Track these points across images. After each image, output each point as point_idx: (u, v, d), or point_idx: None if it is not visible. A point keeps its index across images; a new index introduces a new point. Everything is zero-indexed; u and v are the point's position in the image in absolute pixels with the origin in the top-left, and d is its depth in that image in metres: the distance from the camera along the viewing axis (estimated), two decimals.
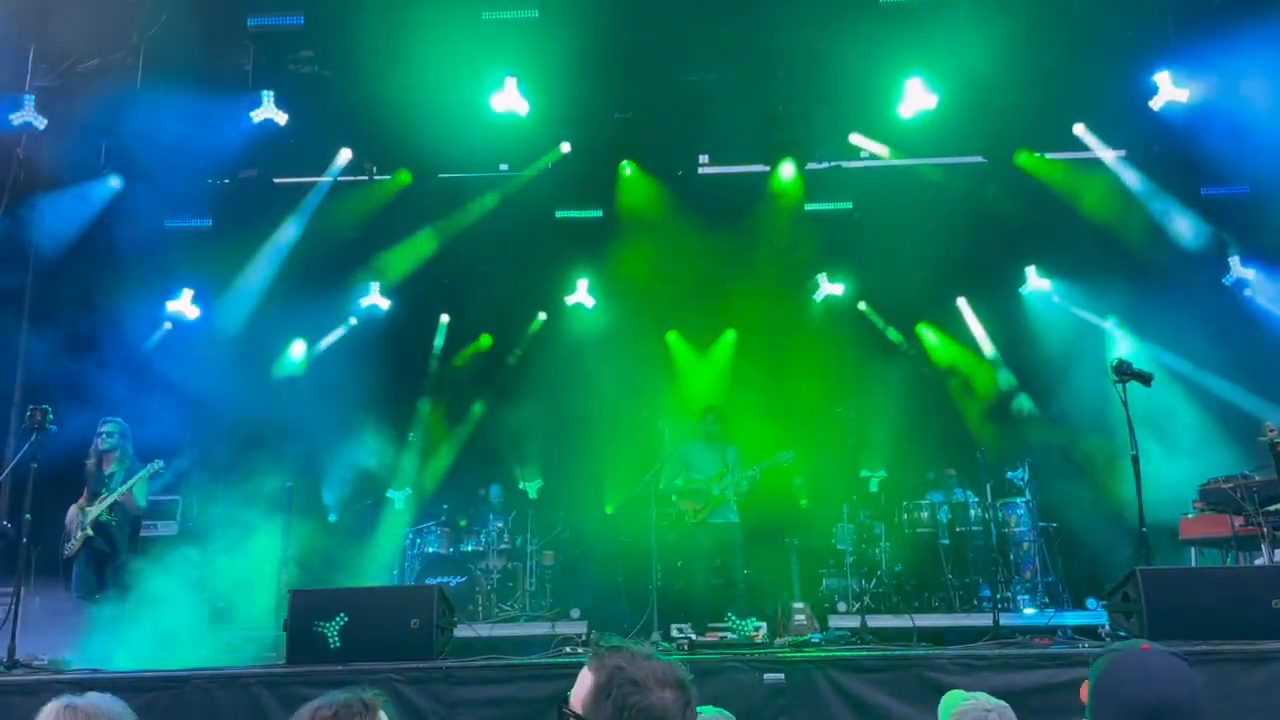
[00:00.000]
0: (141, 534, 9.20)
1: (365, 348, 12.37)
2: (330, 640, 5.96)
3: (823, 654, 5.84)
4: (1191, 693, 2.32)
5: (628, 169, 11.98)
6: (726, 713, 3.48)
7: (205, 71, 10.45)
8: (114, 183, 11.01)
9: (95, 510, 8.12)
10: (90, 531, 8.07)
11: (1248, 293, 11.92)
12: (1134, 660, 2.39)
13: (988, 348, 12.86)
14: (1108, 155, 11.58)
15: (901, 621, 8.96)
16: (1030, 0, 10.33)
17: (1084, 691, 2.52)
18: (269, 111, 10.46)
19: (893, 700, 5.31)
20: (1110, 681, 2.38)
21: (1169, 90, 10.21)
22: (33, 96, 10.11)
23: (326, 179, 11.93)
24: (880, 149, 11.59)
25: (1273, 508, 7.86)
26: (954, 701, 3.14)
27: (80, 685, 5.27)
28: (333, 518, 12.22)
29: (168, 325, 12.15)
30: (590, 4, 9.81)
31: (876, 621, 8.84)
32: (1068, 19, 10.39)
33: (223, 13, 10.21)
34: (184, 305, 11.93)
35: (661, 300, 12.51)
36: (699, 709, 2.97)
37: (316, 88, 10.73)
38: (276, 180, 11.92)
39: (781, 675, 5.44)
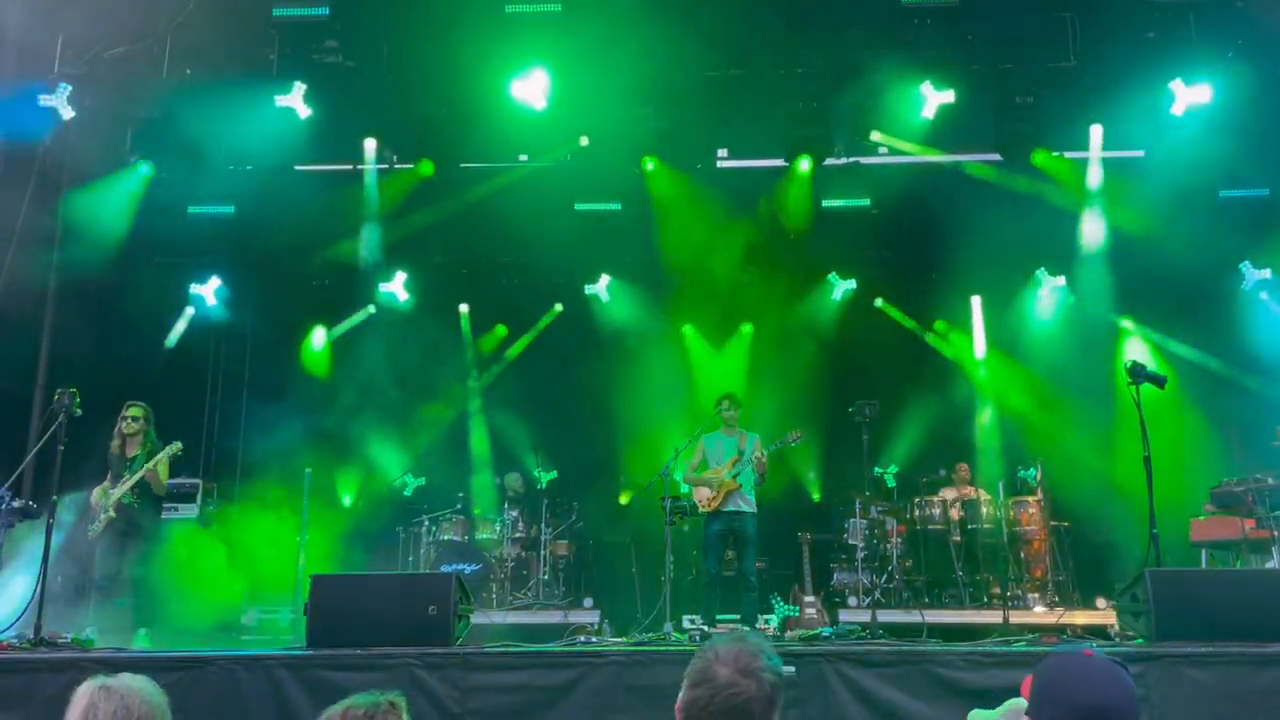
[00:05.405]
0: (162, 517, 9.30)
1: (382, 338, 12.53)
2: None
3: (833, 648, 5.90)
4: (1127, 702, 2.37)
5: (649, 163, 11.98)
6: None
7: (230, 60, 10.55)
8: (143, 169, 11.12)
9: (118, 492, 8.23)
10: (113, 513, 8.20)
11: (1264, 296, 11.92)
12: (1075, 663, 2.45)
13: (1000, 346, 12.85)
14: (1124, 156, 11.59)
15: (912, 617, 9.05)
16: (1049, 1, 10.36)
17: (1025, 688, 2.56)
18: (293, 100, 10.57)
19: (902, 695, 5.37)
20: (1050, 682, 2.42)
21: (1188, 91, 10.20)
22: (69, 86, 10.22)
23: (348, 167, 12.05)
24: (900, 146, 11.57)
25: None
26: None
27: (105, 664, 5.41)
28: (348, 503, 12.39)
29: (190, 310, 12.34)
30: None
31: (887, 616, 8.94)
32: (1087, 19, 10.41)
33: (248, 2, 10.31)
34: (207, 291, 12.11)
35: (678, 293, 12.59)
36: None
37: (340, 78, 10.80)
38: (298, 168, 12.01)
39: (792, 668, 5.51)
